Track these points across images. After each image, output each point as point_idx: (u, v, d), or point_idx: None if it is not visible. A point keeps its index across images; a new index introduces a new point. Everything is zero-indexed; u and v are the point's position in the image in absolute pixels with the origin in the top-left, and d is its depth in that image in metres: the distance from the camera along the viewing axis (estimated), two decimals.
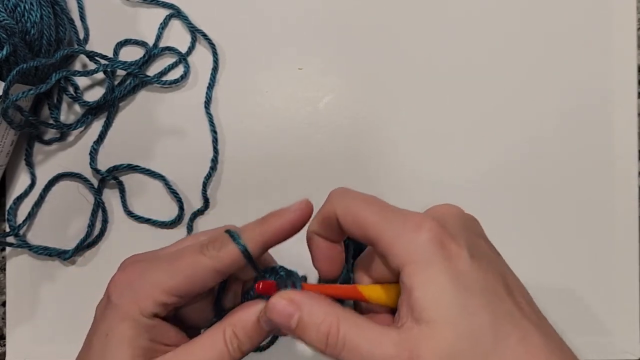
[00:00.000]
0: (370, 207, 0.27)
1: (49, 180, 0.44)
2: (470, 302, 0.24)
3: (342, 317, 0.25)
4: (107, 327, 0.28)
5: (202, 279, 0.28)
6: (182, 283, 0.28)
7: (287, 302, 0.26)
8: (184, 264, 0.28)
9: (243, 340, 0.28)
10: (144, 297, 0.28)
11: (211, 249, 0.28)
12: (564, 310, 0.44)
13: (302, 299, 0.26)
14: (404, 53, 0.45)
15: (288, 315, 0.26)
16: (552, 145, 0.45)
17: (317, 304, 0.26)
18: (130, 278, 0.29)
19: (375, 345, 0.24)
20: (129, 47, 0.45)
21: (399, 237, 0.25)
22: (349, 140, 0.45)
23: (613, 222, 0.45)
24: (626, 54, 0.45)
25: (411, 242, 0.25)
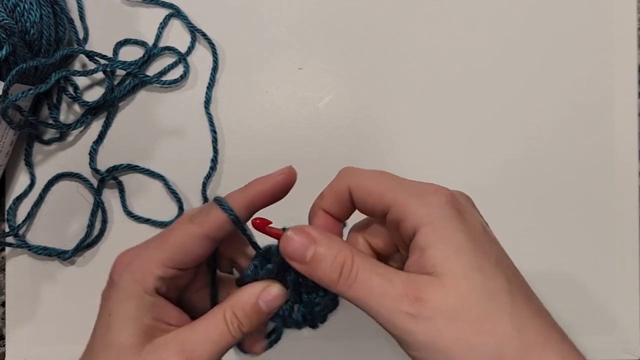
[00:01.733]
0: (384, 176, 0.28)
1: (48, 180, 0.44)
2: (486, 264, 0.25)
3: (356, 253, 0.26)
4: (110, 306, 0.28)
5: (193, 247, 0.28)
6: (174, 253, 0.28)
7: (304, 236, 0.27)
8: (174, 235, 0.29)
9: (243, 321, 0.28)
10: (142, 274, 0.28)
11: (198, 216, 0.29)
12: (565, 310, 0.44)
13: (318, 234, 0.27)
14: (404, 53, 0.45)
15: (304, 247, 0.27)
16: (552, 145, 0.45)
17: (332, 238, 0.27)
18: (128, 259, 0.29)
19: (386, 281, 0.25)
20: (129, 47, 0.45)
21: (417, 199, 0.26)
22: (349, 140, 0.45)
23: (613, 222, 0.45)
24: (626, 54, 0.45)
25: (429, 204, 0.26)
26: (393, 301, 0.24)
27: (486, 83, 0.45)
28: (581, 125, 0.45)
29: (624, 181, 0.45)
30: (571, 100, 0.45)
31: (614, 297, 0.44)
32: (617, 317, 0.44)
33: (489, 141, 0.45)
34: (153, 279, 0.28)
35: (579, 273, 0.45)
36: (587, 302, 0.45)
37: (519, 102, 0.45)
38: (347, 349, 0.43)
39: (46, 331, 0.44)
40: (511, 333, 0.23)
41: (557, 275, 0.44)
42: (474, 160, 0.45)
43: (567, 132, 0.45)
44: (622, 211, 0.45)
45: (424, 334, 0.24)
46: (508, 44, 0.46)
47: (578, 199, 0.45)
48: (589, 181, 0.45)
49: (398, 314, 0.24)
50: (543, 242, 0.45)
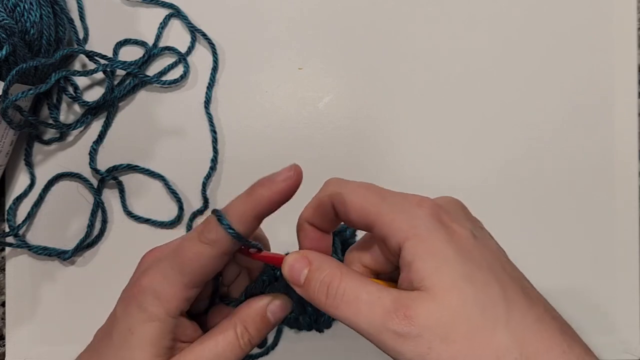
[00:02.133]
0: (367, 190, 0.28)
1: (48, 180, 0.44)
2: (477, 274, 0.24)
3: (346, 272, 0.26)
4: (131, 323, 0.28)
5: (211, 266, 0.28)
6: (196, 276, 0.28)
7: (300, 257, 0.27)
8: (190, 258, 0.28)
9: (253, 334, 0.29)
10: (168, 299, 0.28)
11: (207, 233, 0.28)
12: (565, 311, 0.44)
13: (313, 256, 0.27)
14: (404, 53, 0.45)
15: (299, 270, 0.27)
16: (552, 145, 0.45)
17: (324, 260, 0.27)
18: (154, 281, 0.29)
19: (373, 299, 0.24)
20: (129, 47, 0.45)
21: (400, 214, 0.25)
22: (349, 140, 0.45)
23: (613, 223, 0.45)
24: (626, 54, 0.45)
25: (412, 217, 0.25)
26: (381, 320, 0.23)
27: (486, 83, 0.45)
28: (581, 125, 0.45)
29: (624, 181, 0.45)
30: (571, 100, 0.45)
31: (614, 297, 0.44)
32: (617, 317, 0.44)
33: (489, 141, 0.45)
34: (179, 302, 0.28)
35: (579, 273, 0.45)
36: (587, 302, 0.45)
37: (519, 102, 0.45)
38: (348, 349, 0.43)
39: (46, 331, 0.44)
40: (509, 344, 0.22)
41: (557, 275, 0.44)
42: (473, 160, 0.45)
43: (567, 132, 0.45)
44: (622, 211, 0.45)
45: (413, 352, 0.23)
46: (508, 44, 0.46)
47: (578, 199, 0.45)
48: (589, 181, 0.45)
49: (386, 333, 0.23)
50: (543, 242, 0.45)
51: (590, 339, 0.45)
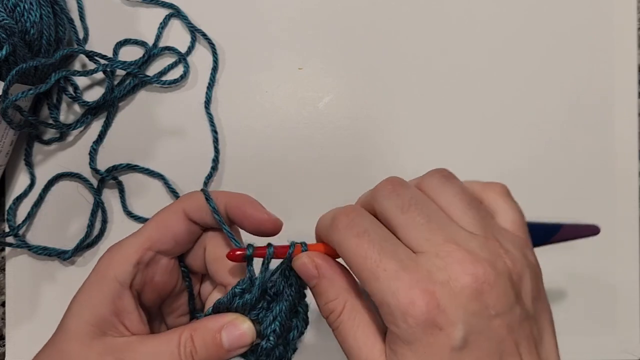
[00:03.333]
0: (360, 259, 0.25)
1: (48, 180, 0.44)
2: None
3: (350, 304, 0.26)
4: (78, 291, 0.29)
5: (172, 222, 0.29)
6: (153, 230, 0.28)
7: (312, 265, 0.27)
8: (156, 215, 0.29)
9: (198, 346, 0.27)
10: (118, 258, 0.28)
11: (182, 196, 0.30)
12: (565, 310, 0.44)
13: (326, 270, 0.27)
14: (404, 53, 0.45)
15: (311, 276, 0.27)
16: (552, 145, 0.45)
17: (335, 278, 0.27)
18: (111, 249, 0.29)
19: (361, 345, 0.25)
20: (129, 47, 0.45)
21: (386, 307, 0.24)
22: (349, 140, 0.45)
23: (613, 222, 0.45)
24: (626, 54, 0.45)
25: (397, 317, 0.23)
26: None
27: (486, 83, 0.45)
28: (581, 126, 0.45)
29: (624, 181, 0.45)
30: (571, 100, 0.45)
31: (613, 297, 0.44)
32: (617, 317, 0.44)
33: (489, 141, 0.45)
34: (128, 264, 0.28)
35: (579, 273, 0.45)
36: (587, 302, 0.45)
37: (519, 102, 0.45)
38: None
39: (46, 331, 0.44)
40: None
41: (557, 275, 0.44)
42: (473, 160, 0.45)
43: (567, 132, 0.45)
44: (622, 211, 0.45)
45: None
46: (508, 44, 0.46)
47: (578, 199, 0.45)
48: (589, 181, 0.45)
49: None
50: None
51: (590, 339, 0.45)
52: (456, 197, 0.26)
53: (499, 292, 0.23)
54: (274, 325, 0.28)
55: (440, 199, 0.26)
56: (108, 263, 0.28)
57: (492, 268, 0.23)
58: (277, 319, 0.28)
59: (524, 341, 0.24)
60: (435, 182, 0.27)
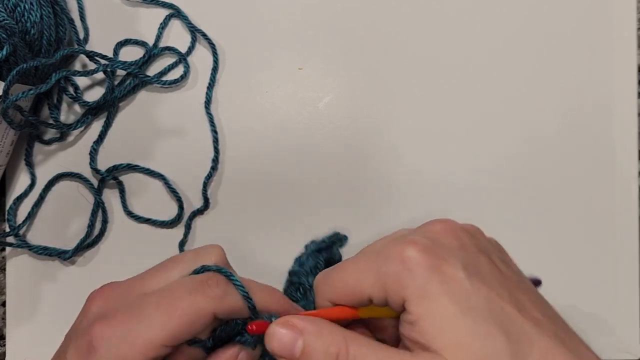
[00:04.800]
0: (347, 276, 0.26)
1: (49, 180, 0.44)
2: (479, 325, 0.23)
3: (350, 337, 0.25)
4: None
5: (201, 325, 0.26)
6: (179, 332, 0.25)
7: (289, 328, 0.25)
8: (182, 310, 0.25)
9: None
10: (135, 356, 0.25)
11: (214, 288, 0.26)
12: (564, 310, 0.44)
13: (305, 323, 0.25)
14: (404, 53, 0.45)
15: (291, 343, 0.24)
16: (552, 145, 0.45)
17: (322, 326, 0.25)
18: (118, 332, 0.25)
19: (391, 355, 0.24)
20: (129, 47, 0.45)
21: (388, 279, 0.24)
22: (349, 140, 0.45)
23: (613, 222, 0.45)
24: (626, 54, 0.45)
25: (401, 279, 0.24)
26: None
27: (486, 83, 0.45)
28: (581, 125, 0.45)
29: (624, 181, 0.45)
30: (571, 100, 0.45)
31: (613, 297, 0.44)
32: (617, 317, 0.44)
33: (489, 141, 0.45)
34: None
35: (579, 273, 0.45)
36: (587, 302, 0.45)
37: (519, 102, 0.45)
38: None
39: (46, 331, 0.44)
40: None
41: (556, 275, 0.44)
42: (473, 160, 0.45)
43: (567, 132, 0.45)
44: (622, 211, 0.45)
45: None
46: (508, 44, 0.46)
47: (578, 199, 0.45)
48: (589, 181, 0.45)
49: None
50: (543, 242, 0.45)
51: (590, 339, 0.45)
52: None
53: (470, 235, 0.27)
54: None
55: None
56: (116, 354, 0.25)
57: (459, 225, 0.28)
58: None
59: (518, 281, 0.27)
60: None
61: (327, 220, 0.44)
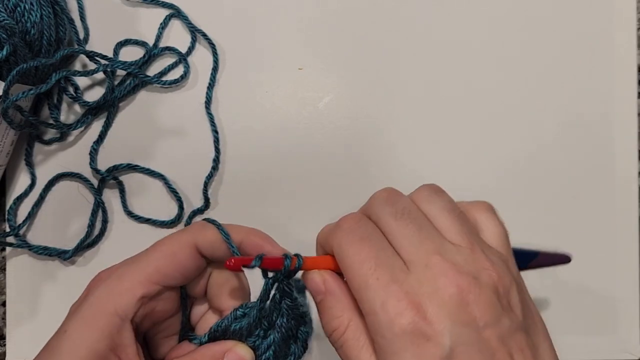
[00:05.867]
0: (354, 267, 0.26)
1: (49, 180, 0.44)
2: None
3: (354, 323, 0.26)
4: (69, 323, 0.26)
5: (184, 257, 0.27)
6: (163, 263, 0.27)
7: (321, 281, 0.27)
8: (163, 244, 0.28)
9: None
10: (121, 291, 0.26)
11: (189, 228, 0.29)
12: (564, 310, 0.44)
13: (333, 288, 0.27)
14: (404, 53, 0.45)
15: (318, 292, 0.27)
16: (552, 145, 0.45)
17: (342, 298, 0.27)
18: (110, 274, 0.28)
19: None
20: (129, 47, 0.45)
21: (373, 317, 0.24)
22: (349, 140, 0.45)
23: (613, 222, 0.45)
24: (626, 54, 0.45)
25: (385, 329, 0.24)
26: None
27: (486, 84, 0.45)
28: (581, 126, 0.45)
29: (624, 181, 0.45)
30: (571, 101, 0.45)
31: (613, 297, 0.44)
32: (617, 317, 0.44)
33: (490, 141, 0.45)
34: (132, 297, 0.26)
35: (579, 273, 0.45)
36: (587, 302, 0.45)
37: (519, 102, 0.45)
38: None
39: (46, 331, 0.44)
40: None
41: (557, 275, 0.44)
42: (474, 161, 0.45)
43: (567, 132, 0.45)
44: (622, 211, 0.45)
45: None
46: (508, 45, 0.46)
47: (578, 199, 0.45)
48: (589, 182, 0.45)
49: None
50: (543, 242, 0.45)
51: (591, 339, 0.45)
52: (444, 210, 0.27)
53: (485, 302, 0.23)
54: (268, 353, 0.29)
55: (429, 211, 0.27)
56: (107, 295, 0.26)
57: (476, 279, 0.24)
58: (271, 348, 0.29)
59: (518, 353, 0.24)
60: (424, 195, 0.28)
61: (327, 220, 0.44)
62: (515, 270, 0.27)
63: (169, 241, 0.28)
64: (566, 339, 0.45)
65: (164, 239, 0.29)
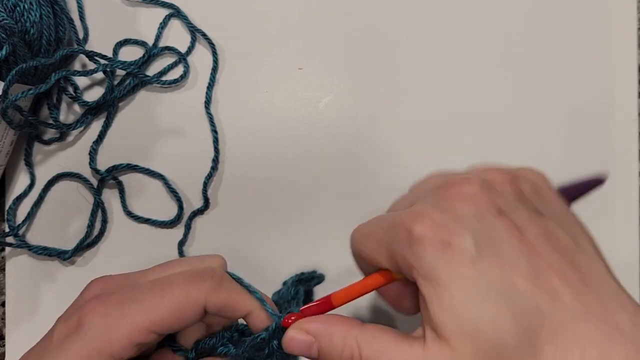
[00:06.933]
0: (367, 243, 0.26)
1: (48, 180, 0.44)
2: (487, 309, 0.21)
3: (361, 338, 0.24)
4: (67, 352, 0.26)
5: (188, 314, 0.26)
6: (166, 318, 0.26)
7: (303, 333, 0.25)
8: (172, 295, 0.26)
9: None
10: (120, 336, 0.25)
11: (209, 279, 0.26)
12: None
13: (317, 328, 0.25)
14: (404, 53, 0.45)
15: (308, 346, 0.25)
16: (552, 145, 0.45)
17: (333, 329, 0.25)
18: (109, 309, 0.26)
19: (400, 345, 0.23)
20: (129, 47, 0.45)
21: (398, 256, 0.24)
22: (349, 140, 0.45)
23: (613, 223, 0.45)
24: (626, 54, 0.45)
25: (408, 258, 0.23)
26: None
27: (486, 83, 0.45)
28: (581, 126, 0.45)
29: (624, 181, 0.45)
30: (570, 100, 0.45)
31: None
32: None
33: (490, 141, 0.45)
34: (130, 346, 0.25)
35: None
36: None
37: (519, 102, 0.45)
38: None
39: (46, 331, 0.44)
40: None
41: None
42: (474, 160, 0.45)
43: (567, 132, 0.45)
44: (622, 211, 0.45)
45: None
46: (508, 44, 0.46)
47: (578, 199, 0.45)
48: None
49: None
50: None
51: None
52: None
53: (491, 193, 0.24)
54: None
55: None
56: (105, 336, 0.25)
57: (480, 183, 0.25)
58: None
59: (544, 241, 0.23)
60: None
61: (327, 220, 0.44)
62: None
63: (178, 291, 0.26)
64: None
65: (176, 282, 0.27)
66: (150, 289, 0.26)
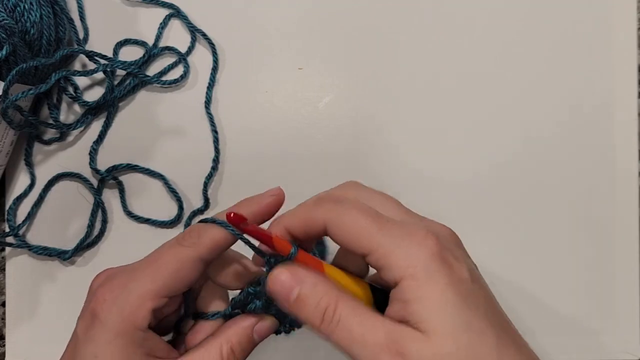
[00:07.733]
0: (367, 217, 0.26)
1: (48, 180, 0.44)
2: (474, 321, 0.24)
3: (341, 297, 0.26)
4: (95, 347, 0.27)
5: (187, 272, 0.28)
6: (168, 280, 0.27)
7: (290, 275, 0.26)
8: (166, 262, 0.28)
9: (239, 355, 0.29)
10: (133, 310, 0.27)
11: (188, 238, 0.28)
12: (564, 310, 0.44)
13: (305, 275, 0.26)
14: (404, 53, 0.45)
15: (289, 288, 0.26)
16: (552, 145, 0.45)
17: (319, 280, 0.26)
18: (115, 292, 0.28)
19: (367, 330, 0.25)
20: (129, 47, 0.45)
21: (400, 249, 0.25)
22: (349, 140, 0.45)
23: (613, 223, 0.45)
24: (626, 54, 0.45)
25: (413, 256, 0.25)
26: (373, 352, 0.24)
27: (486, 83, 0.45)
28: (581, 126, 0.45)
29: (624, 181, 0.45)
30: (571, 101, 0.45)
31: (613, 297, 0.44)
32: (616, 317, 0.44)
33: (490, 141, 0.45)
34: (146, 314, 0.27)
35: (579, 273, 0.45)
36: (587, 302, 0.45)
37: (519, 102, 0.45)
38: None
39: (46, 331, 0.44)
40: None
41: (556, 275, 0.44)
42: (474, 161, 0.45)
43: (567, 132, 0.45)
44: (622, 211, 0.45)
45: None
46: (508, 44, 0.46)
47: (578, 199, 0.45)
48: (589, 181, 0.45)
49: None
50: (543, 242, 0.45)
51: (590, 339, 0.45)
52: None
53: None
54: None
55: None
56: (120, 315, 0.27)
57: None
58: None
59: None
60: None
61: None
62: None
63: (170, 257, 0.28)
64: (566, 339, 0.45)
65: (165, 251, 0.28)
66: (146, 264, 0.28)
